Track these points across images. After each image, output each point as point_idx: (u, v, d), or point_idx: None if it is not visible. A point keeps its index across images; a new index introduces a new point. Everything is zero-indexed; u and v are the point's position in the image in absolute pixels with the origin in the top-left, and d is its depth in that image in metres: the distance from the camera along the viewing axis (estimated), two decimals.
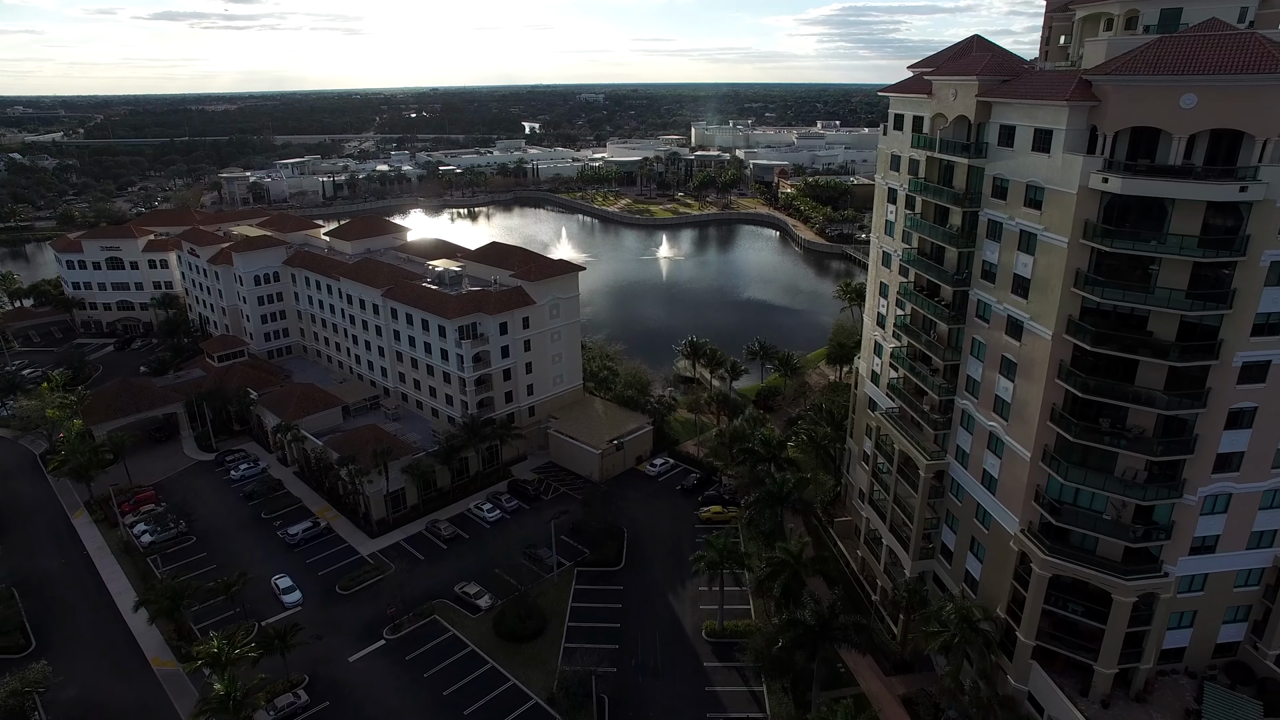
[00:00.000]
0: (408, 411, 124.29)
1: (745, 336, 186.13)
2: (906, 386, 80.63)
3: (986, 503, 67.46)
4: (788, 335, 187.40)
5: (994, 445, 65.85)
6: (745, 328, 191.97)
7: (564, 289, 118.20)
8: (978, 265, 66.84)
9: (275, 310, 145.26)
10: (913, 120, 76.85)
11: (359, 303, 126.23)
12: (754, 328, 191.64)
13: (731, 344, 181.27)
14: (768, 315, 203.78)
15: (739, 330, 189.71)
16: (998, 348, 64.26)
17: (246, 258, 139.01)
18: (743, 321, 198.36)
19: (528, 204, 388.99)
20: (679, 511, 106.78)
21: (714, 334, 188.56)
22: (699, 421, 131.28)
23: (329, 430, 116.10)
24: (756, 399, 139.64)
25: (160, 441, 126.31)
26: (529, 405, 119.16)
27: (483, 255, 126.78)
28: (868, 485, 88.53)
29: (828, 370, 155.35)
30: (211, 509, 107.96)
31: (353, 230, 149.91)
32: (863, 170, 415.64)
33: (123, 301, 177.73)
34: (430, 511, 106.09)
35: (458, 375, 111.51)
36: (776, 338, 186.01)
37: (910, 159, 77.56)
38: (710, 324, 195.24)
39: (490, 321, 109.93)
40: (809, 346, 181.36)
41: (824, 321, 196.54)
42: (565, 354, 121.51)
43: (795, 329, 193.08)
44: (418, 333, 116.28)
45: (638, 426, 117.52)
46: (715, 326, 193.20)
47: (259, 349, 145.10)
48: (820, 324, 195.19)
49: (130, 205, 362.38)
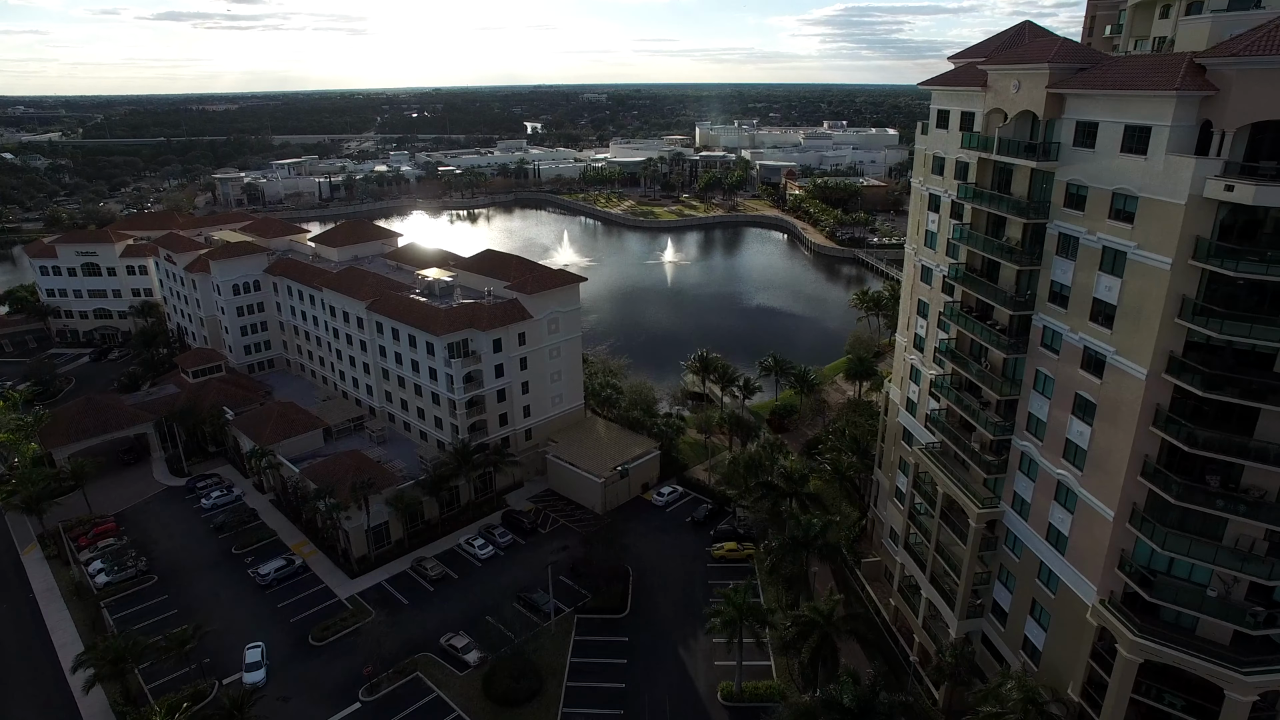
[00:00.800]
0: (394, 434, 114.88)
1: (755, 346, 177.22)
2: (951, 420, 71.05)
3: (1054, 563, 57.83)
4: (800, 345, 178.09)
5: (1064, 497, 56.23)
6: (755, 337, 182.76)
7: (564, 301, 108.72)
8: (1044, 286, 57.22)
9: (256, 321, 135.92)
10: (961, 117, 67.31)
11: (342, 315, 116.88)
12: (764, 337, 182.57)
13: (740, 353, 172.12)
14: (778, 323, 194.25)
15: (748, 339, 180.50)
16: (1070, 384, 54.65)
17: (224, 265, 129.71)
18: (752, 330, 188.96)
19: (529, 206, 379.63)
20: (689, 548, 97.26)
21: (722, 343, 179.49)
22: (709, 444, 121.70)
23: (308, 455, 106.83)
24: (770, 418, 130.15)
25: (129, 464, 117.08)
26: (525, 428, 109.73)
27: (476, 264, 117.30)
28: (902, 527, 78.92)
29: (846, 385, 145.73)
30: (178, 543, 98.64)
31: (339, 236, 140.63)
32: (871, 171, 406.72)
33: (100, 310, 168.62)
34: (416, 547, 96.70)
35: (447, 397, 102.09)
36: (788, 348, 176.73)
37: (957, 161, 68.05)
38: (718, 332, 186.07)
39: (483, 338, 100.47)
40: (823, 357, 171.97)
41: (837, 330, 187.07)
42: (565, 372, 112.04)
43: (808, 338, 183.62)
44: (404, 349, 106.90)
45: (644, 452, 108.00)
46: (723, 335, 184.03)
47: (239, 362, 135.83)
48: (834, 333, 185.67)
49: (121, 207, 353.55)
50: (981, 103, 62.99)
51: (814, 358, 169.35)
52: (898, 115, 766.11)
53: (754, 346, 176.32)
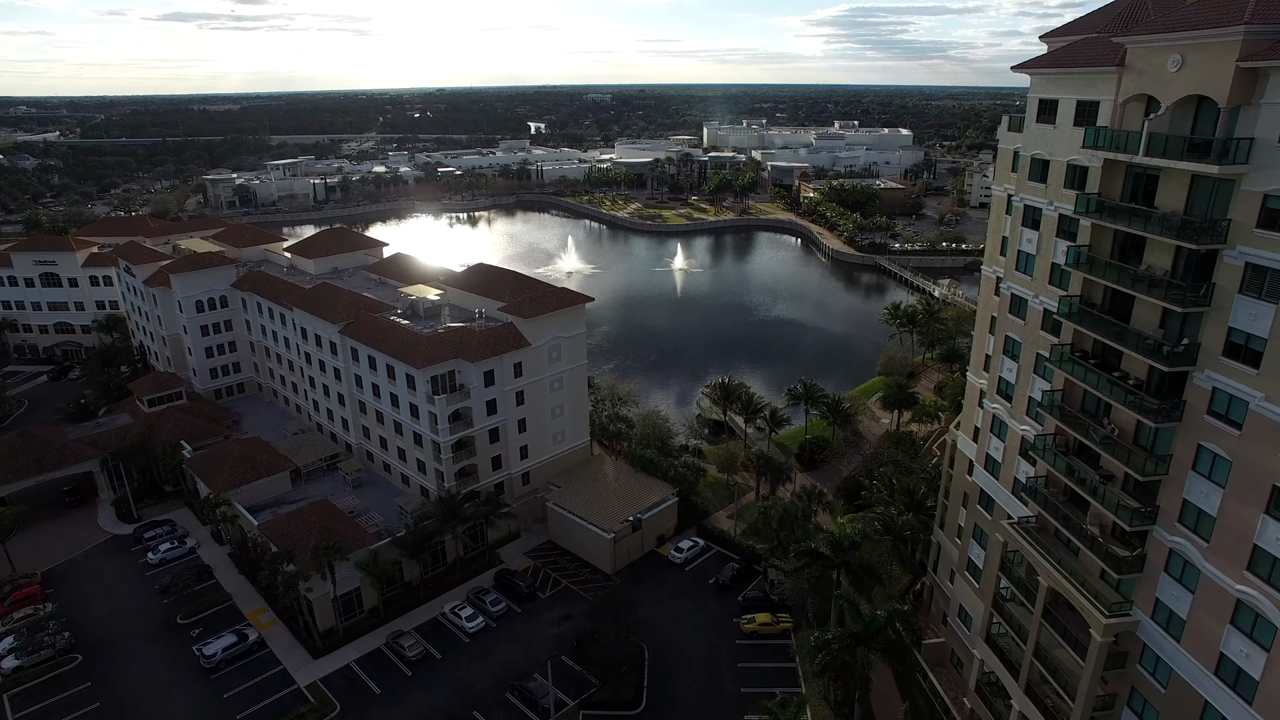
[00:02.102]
0: (373, 475, 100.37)
1: (774, 364, 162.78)
2: (1054, 491, 56.32)
3: (1230, 709, 42.93)
4: (825, 363, 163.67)
5: (1251, 625, 41.41)
6: (774, 353, 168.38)
7: (566, 325, 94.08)
8: (1215, 334, 42.45)
9: (223, 341, 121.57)
10: (1076, 108, 52.47)
11: (314, 338, 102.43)
12: (784, 354, 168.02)
13: (759, 371, 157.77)
14: (799, 338, 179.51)
15: (767, 356, 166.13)
16: (1264, 473, 39.87)
17: (186, 279, 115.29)
18: (771, 345, 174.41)
19: (531, 208, 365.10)
20: (714, 618, 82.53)
21: (739, 360, 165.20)
22: (732, 483, 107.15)
23: (272, 502, 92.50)
24: (800, 452, 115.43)
25: (72, 507, 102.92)
26: (522, 471, 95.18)
27: (467, 281, 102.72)
28: (982, 615, 64.07)
29: (881, 413, 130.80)
30: (114, 608, 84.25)
31: (317, 245, 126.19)
32: (886, 173, 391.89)
33: (61, 323, 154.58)
34: (394, 616, 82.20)
35: (430, 438, 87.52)
36: (811, 366, 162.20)
37: (1071, 165, 53.31)
38: (734, 348, 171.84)
39: (472, 370, 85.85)
40: (852, 377, 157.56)
41: (865, 346, 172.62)
42: (569, 405, 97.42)
43: (832, 356, 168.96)
44: (382, 380, 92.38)
45: (659, 500, 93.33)
46: (740, 351, 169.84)
47: (204, 387, 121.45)
48: (861, 350, 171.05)
49: (109, 209, 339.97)
50: (1113, 88, 48.20)
51: (842, 379, 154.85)
52: (906, 116, 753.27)
53: (773, 364, 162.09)
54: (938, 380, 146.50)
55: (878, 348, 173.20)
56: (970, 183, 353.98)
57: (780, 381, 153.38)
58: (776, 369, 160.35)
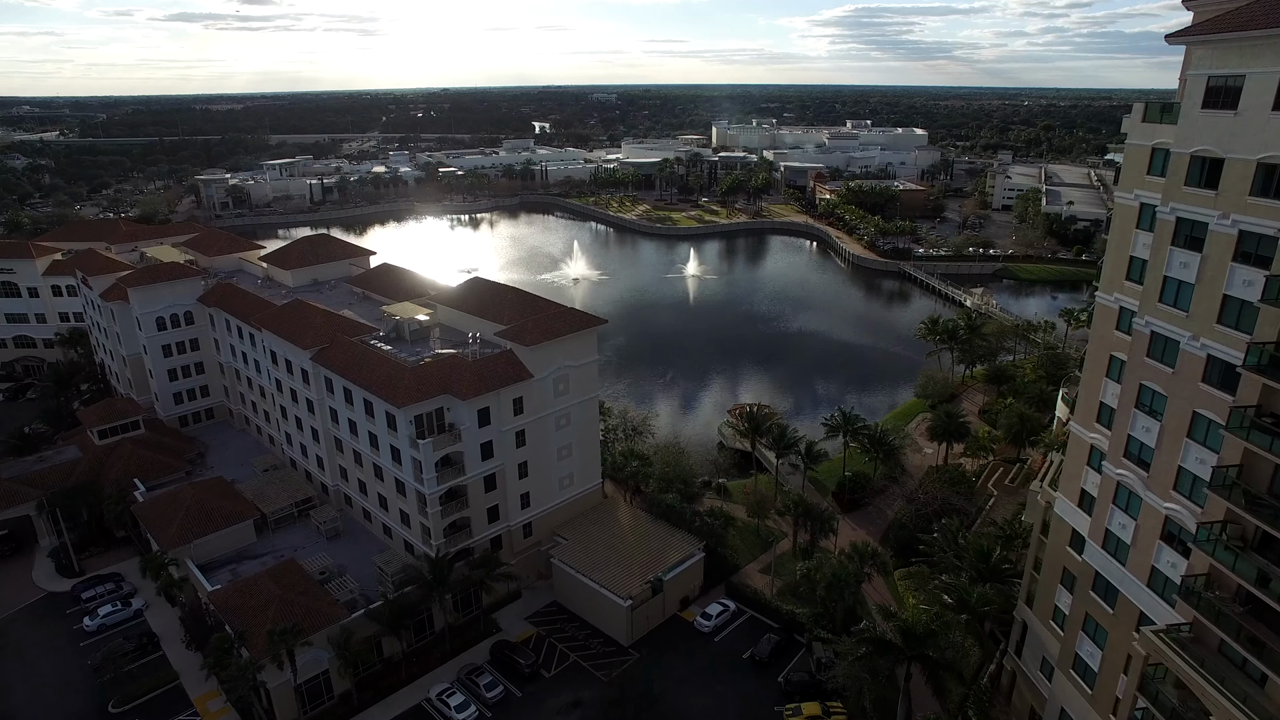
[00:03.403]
0: (351, 524, 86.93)
1: (798, 380, 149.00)
2: (1223, 594, 42.69)
3: None
4: (855, 380, 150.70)
5: None
6: (798, 369, 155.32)
7: (575, 353, 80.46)
8: None
9: (189, 363, 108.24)
10: (1278, 87, 38.71)
11: (285, 364, 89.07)
12: (809, 369, 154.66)
13: (784, 390, 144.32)
14: (824, 352, 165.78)
15: (790, 372, 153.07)
16: None
17: (145, 294, 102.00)
18: (793, 359, 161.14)
19: (535, 210, 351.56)
20: (751, 706, 68.98)
21: (760, 376, 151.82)
22: (764, 529, 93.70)
23: (233, 556, 79.72)
24: (838, 490, 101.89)
25: (5, 557, 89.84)
26: (524, 522, 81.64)
27: (461, 299, 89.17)
28: None
29: (923, 440, 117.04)
30: (34, 694, 70.93)
31: (295, 255, 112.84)
32: (903, 174, 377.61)
33: (21, 337, 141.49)
34: (370, 703, 68.90)
35: (415, 488, 74.04)
36: (841, 383, 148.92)
37: (1260, 164, 39.65)
38: (754, 362, 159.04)
39: (464, 409, 72.33)
40: (885, 395, 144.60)
41: (897, 362, 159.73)
42: (577, 445, 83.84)
43: (862, 371, 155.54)
44: (359, 417, 78.96)
45: (683, 557, 79.73)
46: (760, 366, 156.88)
47: (168, 414, 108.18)
48: (893, 367, 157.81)
49: (97, 210, 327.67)
50: None
51: (875, 399, 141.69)
52: (915, 115, 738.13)
53: (797, 381, 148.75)
54: (981, 403, 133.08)
55: (911, 363, 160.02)
56: (992, 184, 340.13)
57: (805, 401, 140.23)
58: (801, 387, 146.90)
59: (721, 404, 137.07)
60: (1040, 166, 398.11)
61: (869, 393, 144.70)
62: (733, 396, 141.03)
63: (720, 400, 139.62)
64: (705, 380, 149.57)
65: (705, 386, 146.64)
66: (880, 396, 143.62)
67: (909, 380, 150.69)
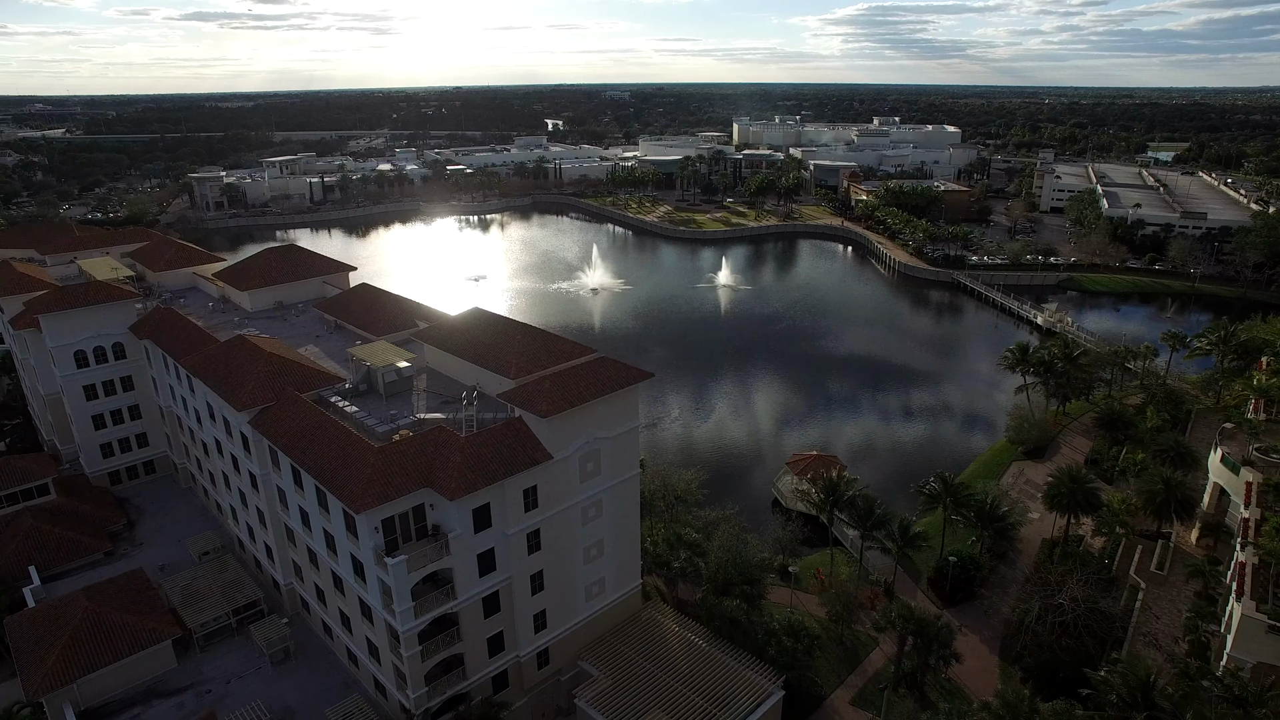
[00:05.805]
0: (307, 638, 65.03)
1: (859, 418, 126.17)
2: None
3: None
4: (924, 416, 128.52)
5: None
6: (855, 401, 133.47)
7: (611, 421, 58.12)
8: None
9: (121, 406, 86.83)
10: None
11: (223, 423, 67.46)
12: (870, 404, 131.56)
13: (840, 427, 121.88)
14: (882, 379, 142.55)
15: (847, 407, 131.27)
16: None
17: (59, 321, 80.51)
18: (848, 388, 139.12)
19: (549, 210, 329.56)
20: None
21: (814, 409, 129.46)
22: (848, 635, 71.49)
23: (136, 697, 58.11)
24: (935, 578, 79.53)
25: None
26: (538, 649, 59.48)
27: (458, 338, 66.87)
28: None
29: (1030, 502, 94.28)
30: None
31: (255, 271, 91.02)
32: (939, 173, 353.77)
33: None
34: None
35: (384, 620, 52.06)
36: (907, 421, 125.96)
37: None
38: (802, 392, 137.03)
39: (453, 510, 50.24)
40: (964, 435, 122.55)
41: (971, 392, 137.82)
42: (612, 540, 61.66)
43: (932, 403, 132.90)
44: (311, 507, 57.11)
45: (754, 700, 57.41)
46: (811, 397, 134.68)
47: (94, 469, 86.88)
48: (967, 398, 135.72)
49: (86, 209, 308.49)
50: None
51: (950, 442, 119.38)
52: (937, 114, 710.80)
53: (856, 417, 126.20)
54: (1086, 449, 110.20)
55: (983, 392, 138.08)
56: (1039, 185, 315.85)
57: (863, 441, 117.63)
58: (858, 423, 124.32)
59: (770, 445, 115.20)
60: (1085, 165, 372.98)
61: (942, 433, 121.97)
62: (780, 435, 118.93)
63: (768, 441, 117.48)
64: (748, 414, 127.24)
65: (750, 423, 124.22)
66: (955, 437, 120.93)
67: (985, 413, 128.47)
